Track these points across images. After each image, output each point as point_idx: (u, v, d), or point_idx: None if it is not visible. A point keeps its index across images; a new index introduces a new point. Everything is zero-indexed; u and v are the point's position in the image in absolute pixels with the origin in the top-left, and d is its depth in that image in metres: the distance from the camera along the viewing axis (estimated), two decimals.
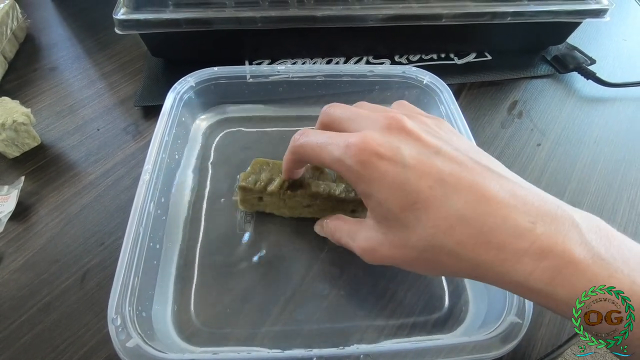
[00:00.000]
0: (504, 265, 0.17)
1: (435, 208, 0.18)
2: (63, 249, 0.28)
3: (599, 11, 0.39)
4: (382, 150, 0.19)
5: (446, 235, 0.18)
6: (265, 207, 0.28)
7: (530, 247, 0.17)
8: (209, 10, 0.36)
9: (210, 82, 0.34)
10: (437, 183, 0.18)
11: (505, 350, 0.20)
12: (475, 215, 0.18)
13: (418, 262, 0.20)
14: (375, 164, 0.19)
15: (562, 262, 0.16)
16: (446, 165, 0.19)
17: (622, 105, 0.40)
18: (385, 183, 0.19)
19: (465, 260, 0.18)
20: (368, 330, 0.24)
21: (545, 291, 0.17)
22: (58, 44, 0.44)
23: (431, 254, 0.19)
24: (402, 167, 0.19)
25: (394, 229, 0.20)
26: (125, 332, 0.20)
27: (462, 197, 0.18)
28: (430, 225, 0.18)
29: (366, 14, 0.37)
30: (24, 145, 0.33)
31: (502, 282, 0.18)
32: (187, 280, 0.26)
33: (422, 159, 0.19)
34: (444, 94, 0.33)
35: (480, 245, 0.17)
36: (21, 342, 0.24)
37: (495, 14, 0.38)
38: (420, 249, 0.19)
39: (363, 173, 0.19)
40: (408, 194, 0.19)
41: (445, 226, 0.18)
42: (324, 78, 0.34)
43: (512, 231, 0.17)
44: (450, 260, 0.18)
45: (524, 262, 0.17)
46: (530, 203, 0.18)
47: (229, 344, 0.23)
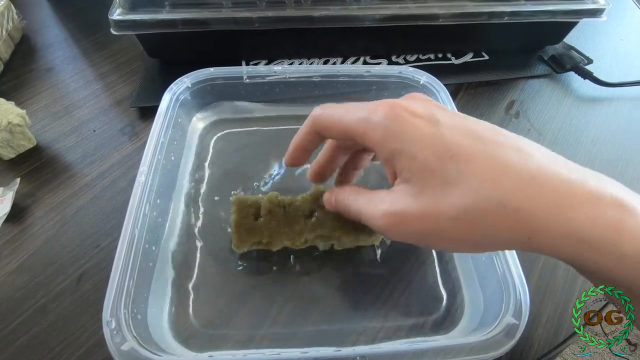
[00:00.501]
0: (563, 213, 0.15)
1: (478, 158, 0.16)
2: (59, 250, 0.28)
3: (596, 11, 0.39)
4: (415, 109, 0.18)
5: (493, 184, 0.16)
6: (262, 233, 0.25)
7: (588, 195, 0.15)
8: (206, 11, 0.36)
9: (206, 82, 0.33)
10: (476, 138, 0.17)
11: (502, 351, 0.20)
12: (522, 165, 0.16)
13: (456, 227, 0.17)
14: (407, 117, 0.18)
15: (624, 212, 0.15)
16: (480, 126, 0.18)
17: (619, 104, 0.40)
18: (419, 135, 0.17)
19: (517, 213, 0.16)
20: (365, 331, 0.24)
21: (612, 244, 0.15)
22: (54, 44, 0.44)
23: (475, 212, 0.16)
24: (435, 124, 0.17)
25: (430, 187, 0.17)
26: (120, 335, 0.20)
27: (504, 150, 0.17)
28: (474, 175, 0.16)
29: (363, 14, 0.37)
30: (19, 147, 0.33)
31: (560, 238, 0.16)
32: (184, 282, 0.26)
33: (455, 120, 0.18)
34: (440, 94, 0.33)
35: (533, 192, 0.16)
36: (17, 345, 0.24)
37: (492, 13, 0.38)
38: (463, 207, 0.16)
39: (393, 127, 0.18)
40: (446, 146, 0.17)
41: (491, 176, 0.16)
42: (320, 78, 0.34)
43: (565, 178, 0.16)
44: (498, 217, 0.16)
45: (585, 209, 0.15)
46: (570, 163, 0.17)
47: (226, 347, 0.23)
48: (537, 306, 0.26)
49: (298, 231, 0.25)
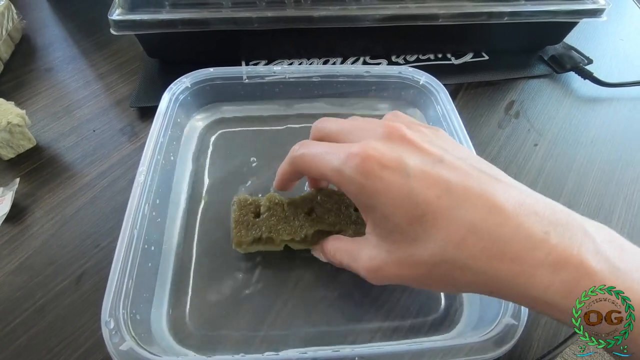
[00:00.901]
0: (520, 278, 0.16)
1: (445, 219, 0.17)
2: (58, 250, 0.28)
3: (596, 11, 0.39)
4: (384, 160, 0.18)
5: (458, 248, 0.17)
6: (261, 230, 0.25)
7: (546, 258, 0.16)
8: (205, 11, 0.36)
9: (205, 82, 0.33)
10: (444, 193, 0.18)
11: (501, 351, 0.20)
12: (487, 226, 0.17)
13: (429, 280, 0.19)
14: (378, 174, 0.18)
15: (578, 274, 0.16)
16: (451, 174, 0.18)
17: (619, 105, 0.40)
18: (390, 195, 0.18)
19: (479, 274, 0.17)
20: (363, 332, 0.24)
21: (562, 305, 0.16)
22: (54, 44, 0.44)
23: (443, 270, 0.18)
24: (406, 176, 0.18)
25: (401, 244, 0.19)
26: (119, 335, 0.20)
27: (472, 206, 0.17)
28: (440, 238, 0.17)
29: (363, 14, 0.36)
30: (19, 147, 0.33)
31: (518, 297, 0.17)
32: (183, 282, 0.26)
33: (426, 168, 0.18)
34: (440, 94, 0.33)
35: (494, 258, 0.17)
36: (16, 345, 0.24)
37: (492, 14, 0.37)
38: (431, 265, 0.18)
39: (365, 184, 0.19)
40: (416, 205, 0.18)
41: (456, 239, 0.17)
42: (320, 79, 0.34)
43: (526, 242, 0.16)
44: (463, 275, 0.17)
45: (540, 275, 0.16)
46: (540, 212, 0.17)
47: (224, 347, 0.23)
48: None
49: (298, 226, 0.25)
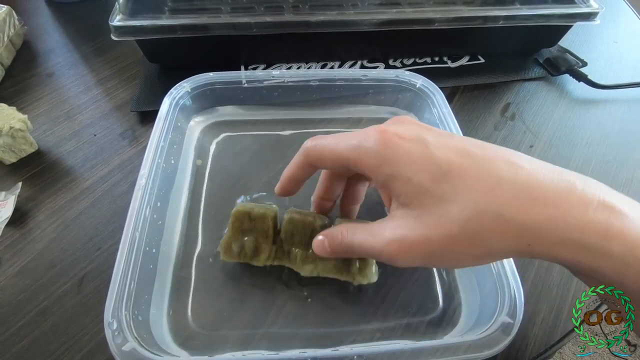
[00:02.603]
0: (555, 221, 0.16)
1: (471, 173, 0.17)
2: (60, 254, 0.28)
3: (590, 14, 0.39)
4: (403, 133, 0.19)
5: (488, 197, 0.17)
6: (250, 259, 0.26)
7: (577, 200, 0.16)
8: (205, 16, 0.37)
9: (205, 87, 0.34)
10: (464, 154, 0.18)
11: (497, 349, 0.20)
12: (514, 177, 0.17)
13: (460, 242, 0.17)
14: (398, 143, 0.19)
15: (611, 215, 0.16)
16: (467, 142, 0.19)
17: (613, 106, 0.40)
18: (411, 158, 0.18)
19: (513, 223, 0.16)
20: (363, 332, 0.24)
21: (602, 247, 0.16)
22: (55, 50, 0.45)
23: (475, 225, 0.17)
24: (425, 144, 0.18)
25: (429, 205, 0.18)
26: (122, 336, 0.20)
27: (493, 163, 0.18)
28: (469, 190, 0.17)
29: (360, 19, 0.37)
30: (21, 152, 0.33)
31: (555, 244, 0.16)
32: (184, 284, 0.26)
33: (442, 139, 0.19)
34: (436, 97, 0.33)
35: (527, 203, 0.17)
36: (18, 347, 0.24)
37: (487, 18, 0.38)
38: (462, 220, 0.17)
39: (385, 153, 0.19)
40: (438, 165, 0.18)
41: (485, 189, 0.17)
42: (318, 83, 0.35)
43: (554, 188, 0.17)
44: (496, 228, 0.17)
45: (575, 215, 0.16)
46: (557, 169, 0.18)
47: (225, 347, 0.24)
48: (533, 306, 0.26)
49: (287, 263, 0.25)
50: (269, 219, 0.25)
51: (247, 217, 0.25)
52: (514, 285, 0.22)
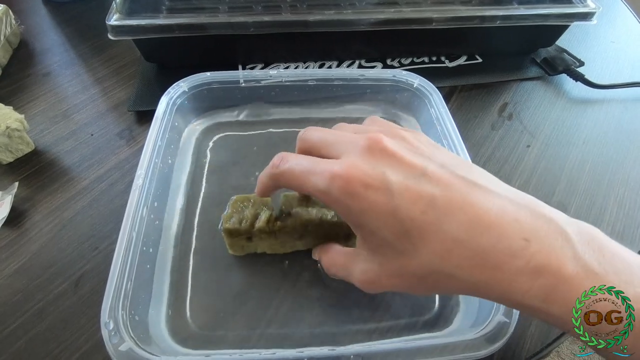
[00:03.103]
0: (501, 284, 0.18)
1: (431, 234, 0.18)
2: (57, 254, 0.28)
3: (587, 14, 0.39)
4: (368, 180, 0.19)
5: (444, 260, 0.18)
6: (257, 247, 0.27)
7: (526, 266, 0.17)
8: (202, 16, 0.37)
9: (203, 87, 0.34)
10: (428, 207, 0.18)
11: (493, 348, 0.21)
12: (470, 237, 0.18)
13: (419, 287, 0.20)
14: (362, 194, 0.19)
15: (555, 280, 0.17)
16: (435, 188, 0.19)
17: (610, 106, 0.41)
18: (375, 213, 0.19)
19: (465, 281, 0.18)
20: (359, 332, 0.24)
21: (541, 308, 0.17)
22: (52, 49, 0.44)
23: (432, 279, 0.19)
24: (390, 195, 0.19)
25: (390, 257, 0.20)
26: (118, 335, 0.20)
27: (455, 219, 0.18)
28: (427, 251, 0.18)
29: (358, 19, 0.37)
30: (17, 151, 0.33)
31: (501, 300, 0.19)
32: (181, 283, 0.26)
33: (409, 184, 0.19)
34: (434, 97, 0.33)
35: (477, 267, 0.18)
36: (15, 348, 0.24)
37: (485, 17, 0.38)
38: (420, 275, 0.19)
39: (351, 205, 0.19)
40: (401, 221, 0.19)
41: (442, 251, 0.18)
42: (316, 82, 0.35)
43: (506, 251, 0.17)
44: (450, 282, 0.19)
45: (520, 281, 0.17)
46: (522, 220, 0.18)
47: (223, 347, 0.24)
48: None
49: (289, 247, 0.27)
50: (267, 201, 0.26)
51: (246, 199, 0.26)
52: None
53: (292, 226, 0.25)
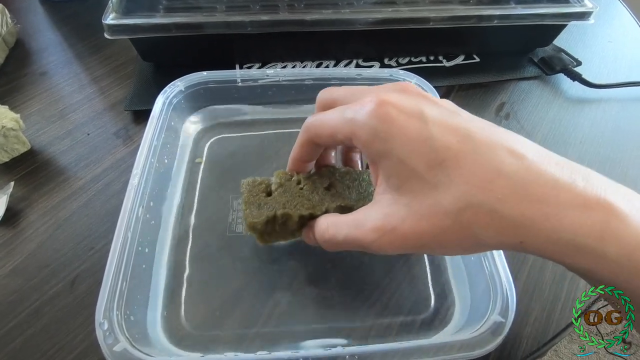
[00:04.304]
0: (550, 220, 0.16)
1: (468, 162, 0.16)
2: (53, 254, 0.28)
3: (584, 14, 0.39)
4: (401, 105, 0.17)
5: (485, 190, 0.16)
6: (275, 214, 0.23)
7: (575, 199, 0.16)
8: (199, 15, 0.36)
9: (199, 86, 0.34)
10: (465, 138, 0.17)
11: (489, 348, 0.20)
12: (512, 169, 0.16)
13: (451, 234, 0.17)
14: (394, 116, 0.17)
15: (609, 215, 0.15)
16: (470, 124, 0.17)
17: (607, 105, 0.41)
18: (407, 137, 0.17)
19: (508, 219, 0.16)
20: (356, 331, 0.24)
21: (595, 249, 0.15)
22: (48, 48, 0.44)
23: (468, 217, 0.16)
24: (424, 122, 0.17)
25: (420, 194, 0.17)
26: (113, 336, 0.20)
27: (494, 151, 0.17)
28: (465, 181, 0.16)
29: (355, 18, 0.37)
30: (13, 151, 0.33)
31: (548, 244, 0.16)
32: (177, 283, 0.26)
33: (445, 117, 0.17)
34: None
35: (523, 200, 0.16)
36: (10, 348, 0.24)
37: (482, 17, 0.38)
38: (455, 212, 0.16)
39: (380, 127, 0.17)
40: (435, 149, 0.17)
41: (482, 181, 0.16)
42: (313, 82, 0.35)
43: (553, 184, 0.16)
44: (490, 222, 0.16)
45: (570, 216, 0.16)
46: (563, 163, 0.17)
47: (219, 347, 0.24)
48: (526, 304, 0.26)
49: (317, 201, 0.23)
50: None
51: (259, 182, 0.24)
52: (507, 284, 0.22)
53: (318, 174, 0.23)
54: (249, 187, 0.24)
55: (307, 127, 0.22)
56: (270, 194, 0.24)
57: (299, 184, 0.24)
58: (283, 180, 0.24)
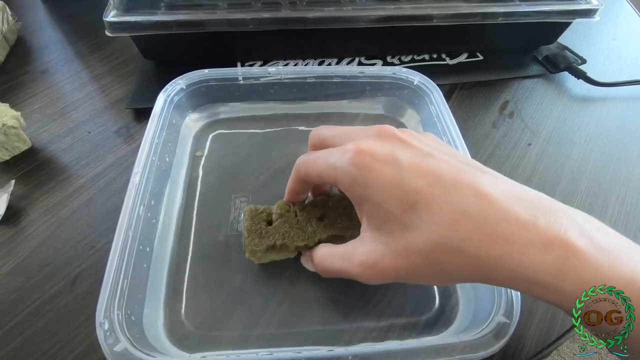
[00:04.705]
0: (512, 258, 0.17)
1: (437, 205, 0.18)
2: (54, 252, 0.28)
3: (589, 11, 0.39)
4: (376, 153, 0.20)
5: (451, 231, 0.18)
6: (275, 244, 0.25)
7: (536, 238, 0.17)
8: (201, 12, 0.36)
9: (201, 84, 0.34)
10: (435, 181, 0.18)
11: (493, 350, 0.20)
12: (477, 210, 0.18)
13: (424, 269, 0.19)
14: (370, 165, 0.19)
15: (567, 252, 0.16)
16: (441, 166, 0.19)
17: (612, 104, 0.40)
18: (382, 184, 0.19)
19: (473, 258, 0.17)
20: (358, 331, 0.24)
21: (553, 285, 0.17)
22: (49, 46, 0.44)
23: (438, 255, 0.18)
24: (398, 168, 0.19)
25: (396, 234, 0.19)
26: (114, 336, 0.20)
27: (462, 193, 0.18)
28: (434, 222, 0.18)
29: (358, 15, 0.37)
30: (14, 149, 0.33)
31: (511, 280, 0.18)
32: (178, 283, 0.26)
33: (416, 160, 0.19)
34: (434, 94, 0.33)
35: (487, 239, 0.17)
36: (11, 347, 0.24)
37: (486, 14, 0.38)
38: (426, 251, 0.18)
39: (358, 175, 0.19)
40: (407, 193, 0.18)
41: (449, 222, 0.18)
42: (315, 80, 0.34)
43: (515, 223, 0.17)
44: (457, 260, 0.18)
45: (531, 254, 0.17)
46: (526, 199, 0.18)
47: (221, 347, 0.23)
48: (530, 305, 0.26)
49: (311, 232, 0.25)
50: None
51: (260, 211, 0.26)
52: None
53: (313, 203, 0.26)
54: (251, 214, 0.26)
55: (297, 167, 0.24)
56: (271, 223, 0.26)
57: (297, 216, 0.26)
58: (283, 211, 0.26)
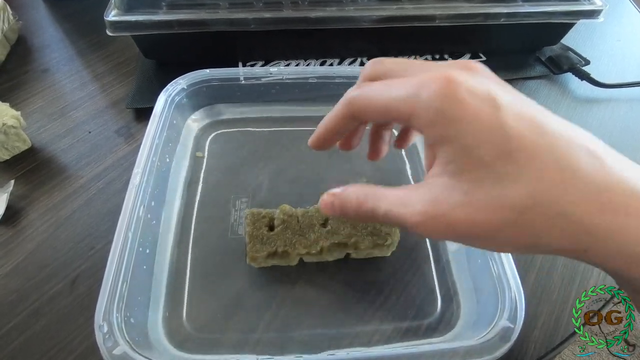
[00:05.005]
0: (620, 232, 0.14)
1: (543, 157, 0.15)
2: (53, 253, 0.28)
3: (593, 12, 0.39)
4: (471, 85, 0.15)
5: (557, 190, 0.14)
6: (277, 243, 0.25)
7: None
8: (202, 12, 0.36)
9: (202, 84, 0.33)
10: (540, 130, 0.15)
11: (497, 354, 0.20)
12: (590, 171, 0.15)
13: (509, 230, 0.15)
14: (464, 98, 0.15)
15: None
16: (546, 116, 0.16)
17: (615, 105, 0.40)
18: (477, 123, 0.15)
19: (577, 225, 0.14)
20: (360, 335, 0.24)
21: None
22: (50, 45, 0.44)
23: (534, 215, 0.15)
24: (496, 108, 0.15)
25: (483, 183, 0.15)
26: (113, 339, 0.20)
27: (572, 149, 0.15)
28: (536, 176, 0.15)
29: (360, 15, 0.36)
30: (14, 149, 0.33)
31: (614, 257, 0.15)
32: (178, 285, 0.25)
33: (518, 105, 0.16)
34: None
35: (596, 207, 0.14)
36: (10, 348, 0.24)
37: (489, 15, 0.37)
38: (520, 209, 0.15)
39: (446, 109, 0.15)
40: (506, 139, 0.15)
41: (555, 179, 0.14)
42: (316, 80, 0.34)
43: (630, 193, 0.14)
44: (555, 224, 0.15)
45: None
46: (638, 169, 0.16)
47: (221, 350, 0.23)
48: (534, 309, 0.26)
49: (313, 239, 0.25)
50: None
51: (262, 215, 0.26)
52: (515, 288, 0.22)
53: (315, 209, 0.25)
54: (253, 219, 0.26)
55: (350, 101, 0.19)
56: (273, 229, 0.25)
57: (299, 222, 0.25)
58: (286, 217, 0.25)
